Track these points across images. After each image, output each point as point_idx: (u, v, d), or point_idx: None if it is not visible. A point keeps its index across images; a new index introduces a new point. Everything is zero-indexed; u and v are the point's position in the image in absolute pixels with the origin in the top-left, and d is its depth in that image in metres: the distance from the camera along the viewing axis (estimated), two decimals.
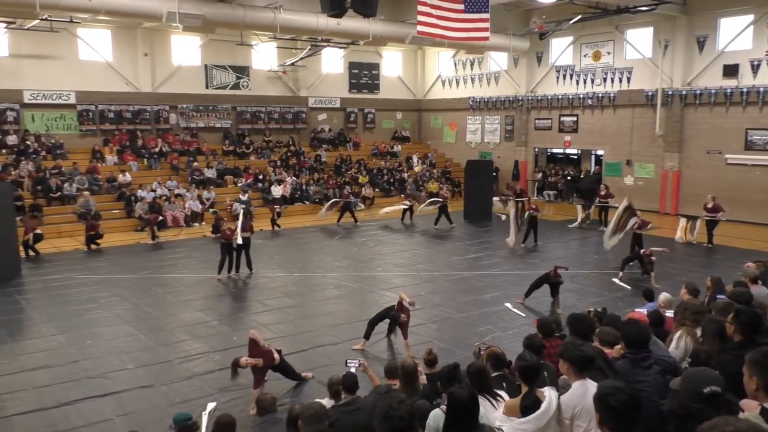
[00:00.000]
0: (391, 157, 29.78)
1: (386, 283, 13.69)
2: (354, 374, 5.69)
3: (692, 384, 3.20)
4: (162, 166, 24.08)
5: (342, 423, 5.14)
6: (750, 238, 17.89)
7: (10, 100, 22.41)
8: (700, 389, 3.10)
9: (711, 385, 3.14)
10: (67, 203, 20.62)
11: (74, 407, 7.67)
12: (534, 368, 4.26)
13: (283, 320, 11.18)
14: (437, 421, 4.17)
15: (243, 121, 27.61)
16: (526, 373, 4.23)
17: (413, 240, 18.81)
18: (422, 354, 6.52)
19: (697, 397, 3.06)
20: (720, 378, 3.32)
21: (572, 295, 12.36)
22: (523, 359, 4.30)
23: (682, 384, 3.27)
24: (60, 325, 10.81)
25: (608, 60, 24.55)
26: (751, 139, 20.62)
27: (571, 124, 26.12)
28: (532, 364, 4.26)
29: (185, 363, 9.07)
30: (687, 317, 5.72)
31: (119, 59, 24.34)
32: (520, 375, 4.26)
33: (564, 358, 4.14)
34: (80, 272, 14.71)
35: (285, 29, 20.31)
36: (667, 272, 13.74)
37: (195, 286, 13.51)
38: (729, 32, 21.09)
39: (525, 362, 4.26)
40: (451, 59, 30.99)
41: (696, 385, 3.15)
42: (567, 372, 4.17)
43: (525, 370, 4.24)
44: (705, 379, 3.23)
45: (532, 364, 4.26)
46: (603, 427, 3.08)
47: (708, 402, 3.06)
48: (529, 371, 4.23)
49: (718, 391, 3.14)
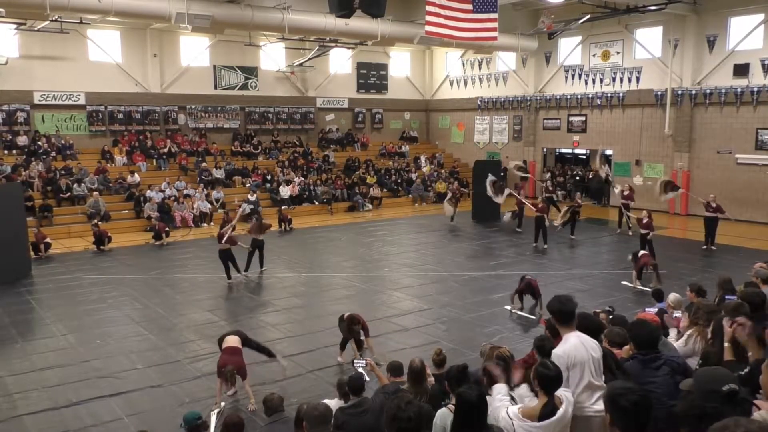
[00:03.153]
0: (399, 157, 29.78)
1: (394, 284, 13.69)
2: (361, 375, 5.68)
3: (708, 383, 3.17)
4: (171, 167, 24.19)
5: (349, 425, 5.13)
6: (761, 238, 17.76)
7: (21, 101, 22.57)
8: (717, 388, 3.08)
9: (729, 384, 3.12)
10: (77, 204, 20.76)
11: (84, 407, 7.72)
12: (556, 378, 4.11)
13: (291, 320, 11.21)
14: (444, 420, 4.15)
15: (251, 122, 27.69)
16: (547, 383, 4.09)
17: (421, 240, 18.79)
18: (431, 354, 6.51)
19: (714, 396, 3.04)
20: (734, 377, 3.30)
21: (582, 296, 12.28)
22: (545, 367, 4.13)
23: (695, 384, 3.25)
24: (70, 325, 10.88)
25: (617, 60, 24.44)
26: (762, 138, 20.47)
27: (579, 124, 26.03)
28: (556, 375, 4.10)
29: (194, 363, 9.10)
30: (700, 317, 5.69)
31: (128, 60, 24.47)
32: (541, 383, 4.13)
33: (550, 311, 4.40)
34: (90, 272, 14.79)
35: (293, 30, 20.35)
36: (677, 273, 13.66)
37: (204, 286, 13.56)
38: (739, 31, 20.95)
39: (548, 371, 4.09)
40: (459, 59, 30.95)
41: (712, 384, 3.13)
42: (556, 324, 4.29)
43: (547, 380, 4.09)
44: (721, 378, 3.21)
45: (555, 375, 4.10)
46: (613, 427, 3.07)
47: (726, 401, 3.04)
48: (551, 381, 4.08)
49: (736, 389, 3.12)
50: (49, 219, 19.29)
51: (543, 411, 4.03)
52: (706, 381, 3.20)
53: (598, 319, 6.42)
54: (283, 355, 9.34)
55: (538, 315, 10.71)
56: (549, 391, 4.08)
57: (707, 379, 3.21)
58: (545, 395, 4.09)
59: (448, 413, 4.14)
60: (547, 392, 4.09)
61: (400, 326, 10.70)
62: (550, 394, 4.08)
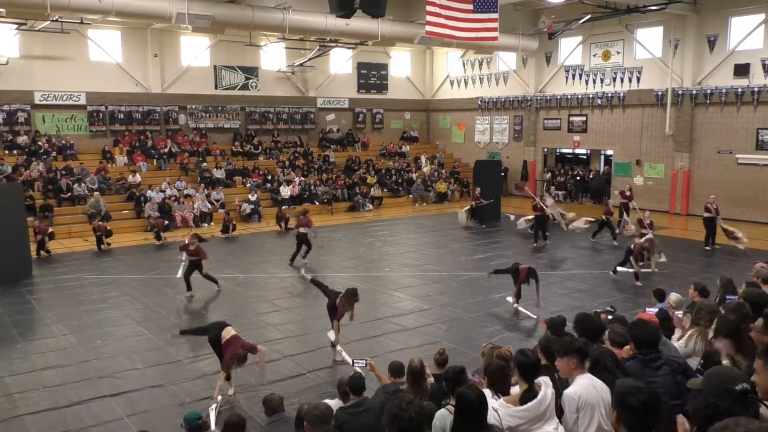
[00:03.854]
0: (399, 157, 29.78)
1: (395, 284, 13.69)
2: (361, 375, 5.68)
3: (720, 382, 3.16)
4: (171, 167, 24.20)
5: (349, 425, 5.13)
6: (762, 238, 17.75)
7: (22, 101, 22.58)
8: (730, 386, 3.07)
9: (742, 383, 3.12)
10: (77, 204, 20.77)
11: (85, 407, 7.72)
12: (534, 365, 4.27)
13: (291, 320, 11.21)
14: (444, 421, 4.16)
15: (252, 122, 27.70)
16: (526, 370, 4.23)
17: (421, 240, 18.78)
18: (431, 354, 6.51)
19: (727, 394, 3.04)
20: (745, 376, 3.30)
21: (582, 296, 12.32)
22: (525, 355, 4.30)
23: (707, 383, 3.24)
24: (71, 325, 10.88)
25: (618, 60, 24.44)
26: (763, 138, 20.46)
27: (580, 124, 26.02)
28: (533, 361, 4.27)
29: (195, 363, 9.11)
30: (702, 317, 5.68)
31: (129, 60, 24.47)
32: (521, 371, 4.26)
33: (568, 354, 4.18)
34: (90, 272, 14.79)
35: (294, 30, 20.35)
36: (678, 272, 13.67)
37: (204, 286, 13.53)
38: (740, 31, 20.95)
39: (527, 359, 4.27)
40: (460, 59, 30.94)
41: (725, 383, 3.12)
42: (572, 368, 4.19)
43: (526, 367, 4.24)
44: (734, 378, 3.21)
45: (533, 361, 4.27)
46: (620, 426, 3.06)
47: (738, 400, 3.03)
48: (530, 368, 4.23)
49: (749, 389, 3.12)
50: (50, 219, 19.29)
51: (524, 396, 4.14)
52: (719, 380, 3.20)
53: (599, 319, 6.41)
54: (283, 355, 9.37)
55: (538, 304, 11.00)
56: (529, 378, 4.20)
57: (721, 379, 3.21)
58: (525, 382, 4.21)
59: (447, 414, 4.14)
60: (527, 379, 4.21)
61: (401, 326, 10.70)
62: (531, 381, 4.19)
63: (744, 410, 2.83)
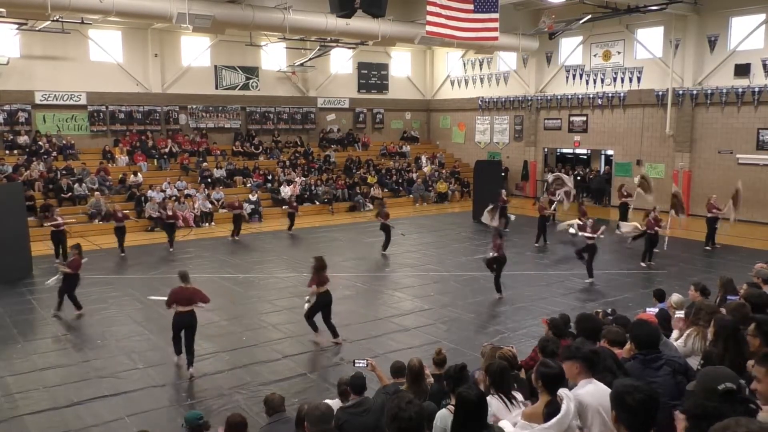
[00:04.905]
0: (399, 157, 29.78)
1: (395, 284, 13.69)
2: (362, 375, 5.68)
3: (707, 382, 3.17)
4: (172, 167, 24.20)
5: (349, 425, 5.14)
6: (762, 238, 17.74)
7: (22, 101, 22.57)
8: (715, 386, 3.07)
9: (726, 382, 3.11)
10: (78, 203, 20.76)
11: (85, 406, 7.73)
12: (558, 376, 4.05)
13: (292, 320, 11.19)
14: (444, 422, 4.14)
15: (252, 122, 27.70)
16: (549, 381, 4.02)
17: (422, 241, 18.78)
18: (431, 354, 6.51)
19: (713, 395, 3.04)
20: (735, 375, 3.29)
21: (582, 295, 12.32)
22: (547, 366, 4.09)
23: (697, 383, 3.25)
24: (71, 325, 10.88)
25: (618, 60, 24.43)
26: (764, 138, 20.45)
27: (580, 124, 26.01)
28: (557, 372, 4.04)
29: (195, 363, 9.08)
30: (701, 317, 5.68)
31: (129, 60, 24.48)
32: (543, 382, 4.06)
33: (576, 358, 4.05)
34: (91, 272, 14.75)
35: (294, 30, 20.35)
36: (679, 273, 13.67)
37: (204, 286, 13.44)
38: (740, 31, 20.94)
39: (549, 369, 4.04)
40: (460, 59, 30.94)
41: (711, 383, 3.12)
42: (575, 373, 4.09)
43: (548, 378, 4.02)
44: (719, 377, 3.20)
45: (556, 372, 4.03)
46: (619, 425, 3.05)
47: (723, 399, 3.02)
48: (553, 379, 4.01)
49: (733, 388, 3.11)
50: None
51: (547, 410, 3.94)
52: (706, 380, 3.20)
53: (599, 319, 6.41)
54: (283, 355, 9.37)
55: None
56: (552, 391, 3.99)
57: (708, 378, 3.21)
58: (548, 394, 4.01)
59: (447, 414, 4.13)
60: (550, 391, 4.01)
61: (401, 326, 10.70)
62: (553, 392, 3.98)
63: (731, 410, 2.81)
